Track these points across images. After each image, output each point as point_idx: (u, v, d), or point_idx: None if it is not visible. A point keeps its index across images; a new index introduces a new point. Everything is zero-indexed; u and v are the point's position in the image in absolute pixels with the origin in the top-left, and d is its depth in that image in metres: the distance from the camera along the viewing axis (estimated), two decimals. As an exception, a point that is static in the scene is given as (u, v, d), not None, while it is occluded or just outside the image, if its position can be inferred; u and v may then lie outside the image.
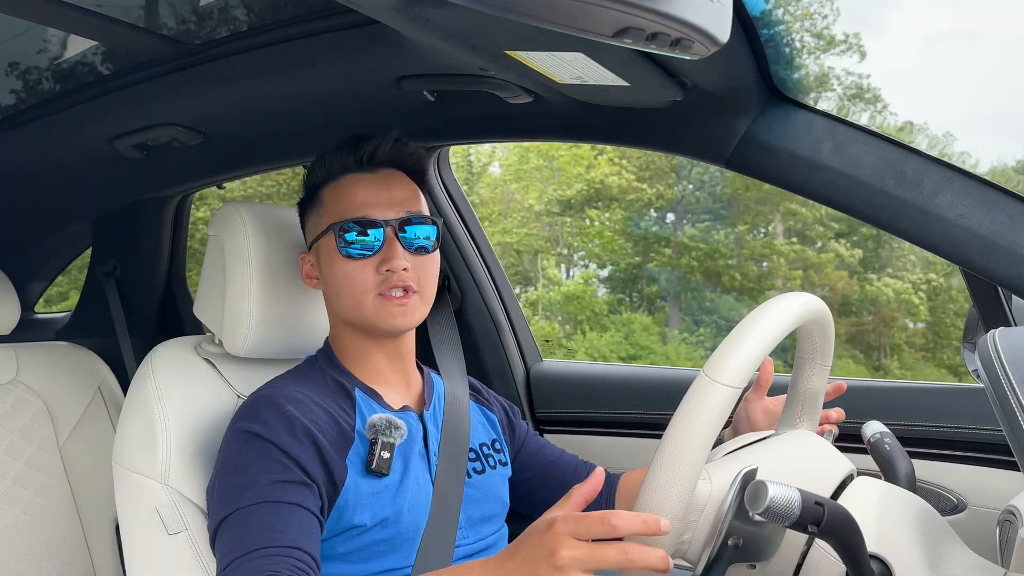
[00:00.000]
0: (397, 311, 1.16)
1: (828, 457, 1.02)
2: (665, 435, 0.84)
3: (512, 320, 1.87)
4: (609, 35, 0.72)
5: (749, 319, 0.89)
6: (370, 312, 1.16)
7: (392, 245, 1.16)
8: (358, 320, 1.18)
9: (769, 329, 0.88)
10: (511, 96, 1.24)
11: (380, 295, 1.15)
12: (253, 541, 0.99)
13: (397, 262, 1.14)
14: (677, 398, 0.86)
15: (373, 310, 1.15)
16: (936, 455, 1.40)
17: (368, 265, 1.15)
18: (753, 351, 0.86)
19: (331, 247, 1.17)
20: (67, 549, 1.57)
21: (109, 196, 1.96)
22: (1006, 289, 1.18)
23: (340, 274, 1.16)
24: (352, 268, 1.15)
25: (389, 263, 1.14)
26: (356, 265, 1.15)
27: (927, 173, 1.10)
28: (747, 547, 0.86)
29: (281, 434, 1.06)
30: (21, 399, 1.60)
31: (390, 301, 1.15)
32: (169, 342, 1.29)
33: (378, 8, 0.88)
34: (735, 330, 0.88)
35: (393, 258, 1.14)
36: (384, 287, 1.15)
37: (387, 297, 1.15)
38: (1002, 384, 0.83)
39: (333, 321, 1.24)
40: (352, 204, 1.17)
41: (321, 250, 1.20)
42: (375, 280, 1.15)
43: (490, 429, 1.32)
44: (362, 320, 1.17)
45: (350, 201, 1.17)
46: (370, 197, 1.18)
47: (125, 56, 1.32)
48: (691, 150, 1.31)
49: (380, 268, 1.15)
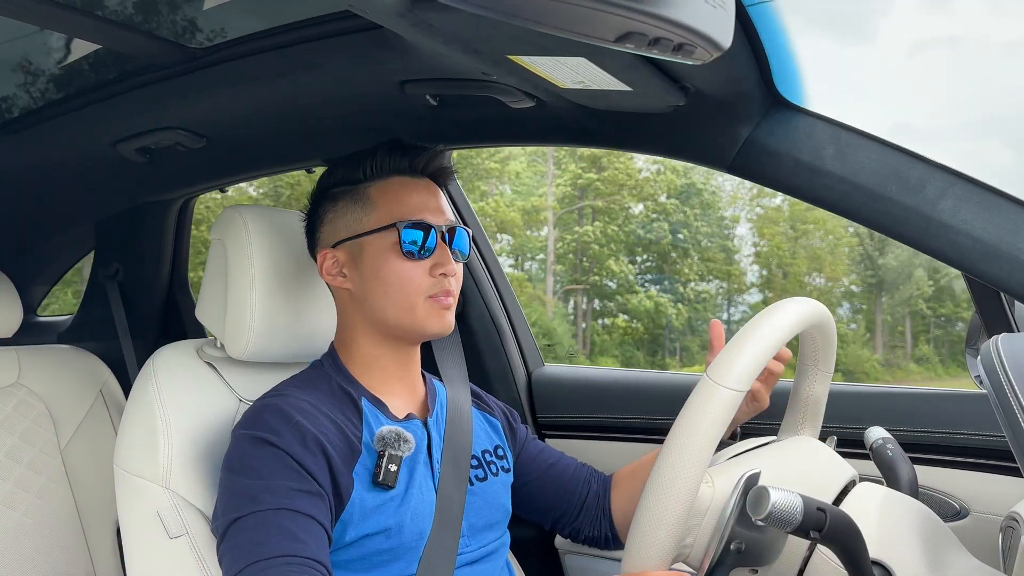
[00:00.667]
0: (446, 314, 1.18)
1: (830, 463, 1.02)
2: (668, 438, 0.84)
3: (514, 324, 1.87)
4: (611, 40, 0.72)
5: (753, 323, 0.89)
6: (421, 313, 1.17)
7: (444, 250, 1.18)
8: (402, 320, 1.18)
9: (773, 333, 0.88)
10: (513, 101, 1.24)
11: (431, 297, 1.17)
12: (275, 547, 0.98)
13: (452, 267, 1.18)
14: (679, 403, 0.86)
15: (424, 312, 1.17)
16: (939, 461, 1.40)
17: (423, 267, 1.17)
18: (757, 354, 0.86)
19: (387, 245, 1.17)
20: (68, 552, 1.57)
21: (112, 199, 1.96)
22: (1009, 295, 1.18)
23: (395, 273, 1.17)
24: (409, 268, 1.17)
25: (444, 267, 1.17)
26: (413, 265, 1.17)
27: (930, 178, 1.10)
28: (749, 552, 0.86)
29: (293, 444, 1.05)
30: (23, 402, 1.60)
31: (439, 304, 1.17)
32: (171, 345, 1.29)
33: (381, 13, 0.88)
34: (739, 333, 0.88)
35: (448, 262, 1.18)
36: (435, 289, 1.17)
37: (436, 300, 1.17)
38: (1005, 390, 0.82)
39: (351, 323, 1.23)
40: (411, 206, 1.19)
41: (368, 247, 1.19)
42: (428, 283, 1.17)
43: (493, 435, 1.32)
44: (408, 321, 1.18)
45: (408, 202, 1.19)
46: (427, 201, 1.20)
47: (128, 60, 1.33)
48: (693, 155, 1.31)
49: (433, 271, 1.17)
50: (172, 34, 1.23)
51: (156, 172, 1.69)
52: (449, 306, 1.19)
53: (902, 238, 1.12)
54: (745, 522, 0.84)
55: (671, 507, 0.81)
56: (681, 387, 1.68)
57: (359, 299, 1.20)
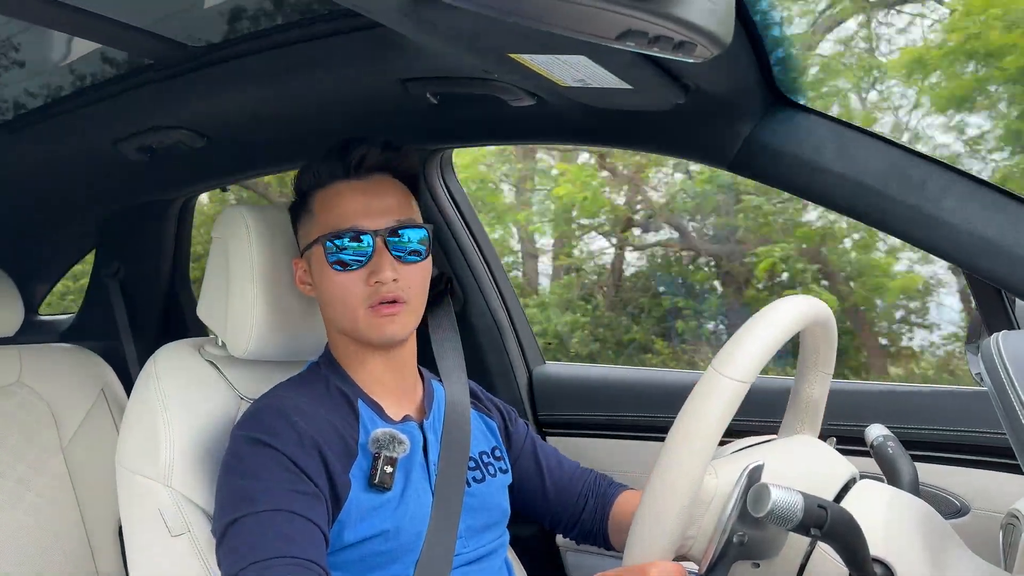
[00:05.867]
0: (386, 322, 1.14)
1: (831, 460, 1.02)
2: (673, 428, 0.84)
3: (515, 322, 1.87)
4: (612, 38, 0.73)
5: (758, 316, 0.89)
6: (362, 324, 1.15)
7: (381, 256, 1.14)
8: (351, 331, 1.18)
9: (777, 326, 0.88)
10: (514, 99, 1.24)
11: (370, 307, 1.14)
12: (273, 548, 0.98)
13: (386, 273, 1.13)
14: (681, 400, 0.86)
15: (365, 322, 1.15)
16: (939, 458, 1.40)
17: (358, 277, 1.14)
18: (761, 347, 0.86)
19: (320, 258, 1.16)
20: (70, 551, 1.57)
21: (113, 198, 1.96)
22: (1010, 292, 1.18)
23: (330, 285, 1.16)
24: (342, 280, 1.14)
25: (378, 274, 1.13)
26: (345, 277, 1.14)
27: (931, 176, 1.10)
28: (751, 545, 0.86)
29: (290, 445, 1.06)
30: (25, 401, 1.60)
31: (380, 313, 1.14)
32: (172, 344, 1.29)
33: (383, 11, 0.89)
34: (744, 326, 0.88)
35: (381, 270, 1.13)
36: (373, 299, 1.14)
37: (376, 309, 1.14)
38: (1005, 387, 0.82)
39: (329, 328, 1.24)
40: (340, 214, 1.15)
41: (312, 259, 1.19)
42: (365, 292, 1.14)
43: (490, 436, 1.32)
44: (355, 331, 1.17)
45: (338, 211, 1.16)
46: (359, 206, 1.16)
47: (129, 59, 1.33)
48: (694, 153, 1.31)
49: (369, 280, 1.13)
50: (173, 33, 1.23)
51: (157, 171, 1.69)
52: (392, 313, 1.14)
53: (903, 235, 1.12)
54: (746, 517, 0.85)
55: (675, 497, 0.81)
56: (682, 385, 1.68)
57: (321, 308, 1.22)
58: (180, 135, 1.48)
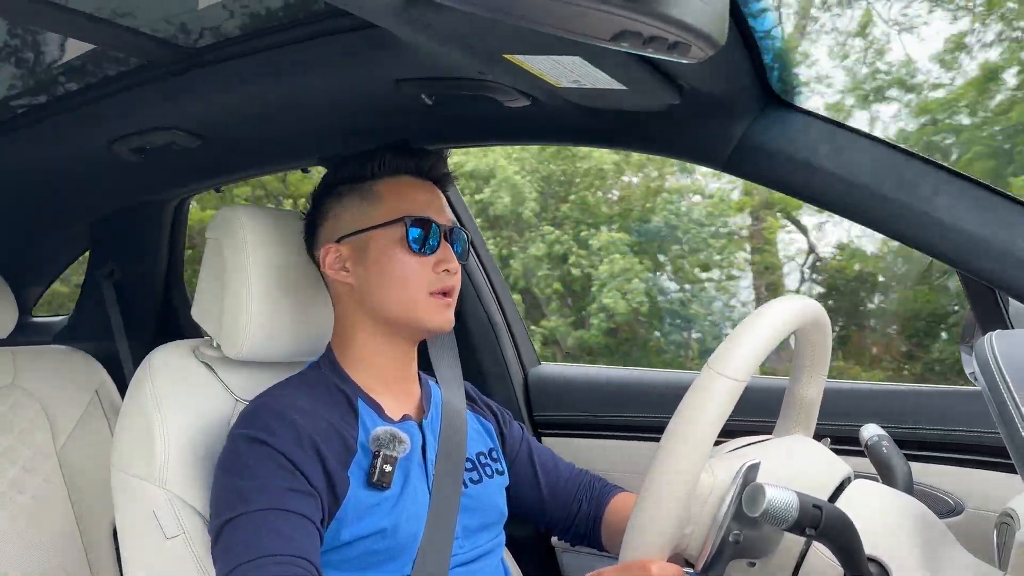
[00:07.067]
0: (446, 310, 1.20)
1: (825, 460, 1.02)
2: (669, 426, 0.84)
3: (510, 324, 1.87)
4: (606, 39, 0.73)
5: (754, 315, 0.90)
6: (421, 307, 1.18)
7: (448, 249, 1.21)
8: (403, 314, 1.19)
9: (773, 326, 0.89)
10: (509, 100, 1.24)
11: (430, 294, 1.19)
12: (265, 546, 0.98)
13: (454, 264, 1.20)
14: (676, 401, 0.86)
15: (424, 306, 1.19)
16: (933, 458, 1.40)
17: (427, 262, 1.19)
18: (757, 346, 0.86)
19: (393, 239, 1.19)
20: (64, 553, 1.56)
21: (107, 199, 1.95)
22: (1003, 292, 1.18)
23: (400, 267, 1.18)
24: (413, 263, 1.18)
25: (447, 263, 1.19)
26: (417, 260, 1.19)
27: (924, 176, 1.10)
28: (747, 543, 0.86)
29: (287, 443, 1.06)
30: (18, 403, 1.60)
31: (439, 300, 1.19)
32: (167, 345, 1.29)
33: (376, 12, 0.88)
34: (740, 325, 0.89)
35: (451, 260, 1.20)
36: (436, 286, 1.19)
37: (436, 296, 1.19)
38: (999, 387, 0.83)
39: (350, 320, 1.23)
40: (418, 203, 1.22)
41: (373, 242, 1.20)
42: (431, 278, 1.19)
43: (487, 438, 1.32)
44: (409, 315, 1.19)
45: (414, 200, 1.22)
46: (429, 201, 1.23)
47: (123, 59, 1.32)
48: (688, 153, 1.32)
49: (436, 267, 1.19)
50: (167, 33, 1.23)
51: (151, 172, 1.69)
52: (450, 304, 1.21)
53: (897, 235, 1.12)
54: (742, 517, 0.85)
55: (672, 495, 0.82)
56: (677, 385, 1.68)
57: (360, 294, 1.21)
58: (174, 136, 1.47)
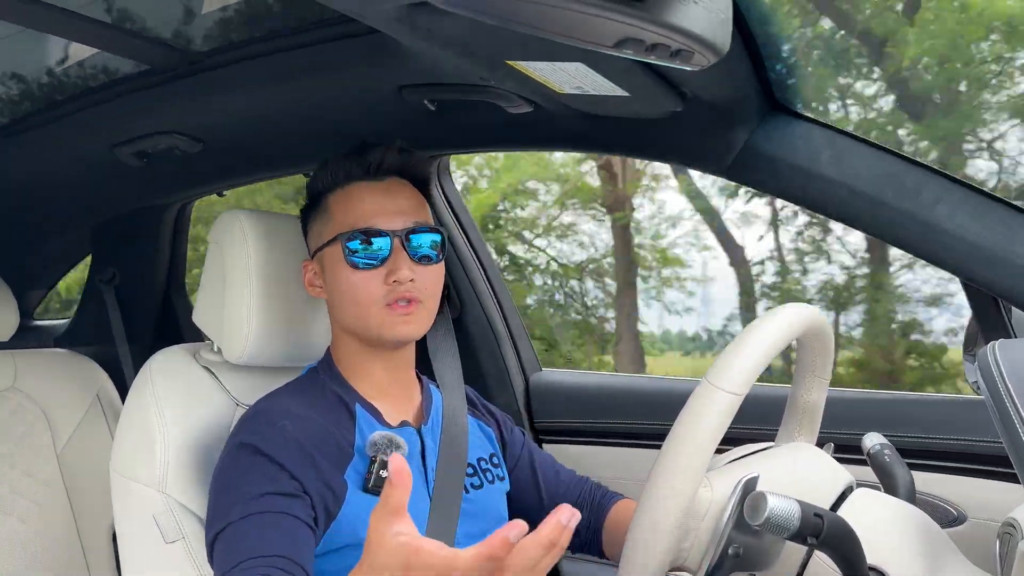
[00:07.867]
0: (401, 321, 1.15)
1: (827, 469, 1.02)
2: (667, 441, 0.84)
3: (511, 330, 1.86)
4: (609, 45, 0.73)
5: (751, 327, 0.89)
6: (375, 323, 1.15)
7: (399, 255, 1.15)
8: (362, 330, 1.17)
9: (771, 337, 0.88)
10: (511, 106, 1.24)
11: (386, 306, 1.14)
12: (240, 554, 0.98)
13: (403, 272, 1.13)
14: (677, 408, 0.86)
15: (378, 320, 1.15)
16: (936, 467, 1.39)
17: (375, 276, 1.14)
18: (755, 358, 0.86)
19: (337, 256, 1.16)
20: (64, 557, 1.56)
21: (109, 203, 1.96)
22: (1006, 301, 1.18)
23: (346, 284, 1.15)
24: (358, 278, 1.15)
25: (395, 274, 1.13)
26: (362, 275, 1.14)
27: (926, 184, 1.10)
28: (747, 556, 0.86)
29: (275, 446, 1.06)
30: (19, 406, 1.60)
31: (395, 312, 1.14)
32: (168, 350, 1.29)
33: (380, 18, 0.89)
34: (737, 337, 0.88)
35: (399, 268, 1.14)
36: (390, 298, 1.14)
37: (392, 308, 1.14)
38: (1002, 396, 0.82)
39: (335, 331, 1.23)
40: (359, 213, 1.16)
41: (326, 259, 1.19)
42: (381, 291, 1.14)
43: (488, 443, 1.31)
44: (367, 330, 1.16)
45: (357, 210, 1.16)
46: (376, 206, 1.17)
47: (126, 64, 1.33)
48: (690, 160, 1.32)
49: (387, 279, 1.14)
50: (170, 38, 1.23)
51: (153, 176, 1.69)
52: (407, 313, 1.15)
53: (898, 243, 1.12)
54: (743, 527, 0.84)
55: (669, 510, 0.81)
56: (678, 393, 1.68)
57: (331, 309, 1.22)
58: (176, 140, 1.48)
